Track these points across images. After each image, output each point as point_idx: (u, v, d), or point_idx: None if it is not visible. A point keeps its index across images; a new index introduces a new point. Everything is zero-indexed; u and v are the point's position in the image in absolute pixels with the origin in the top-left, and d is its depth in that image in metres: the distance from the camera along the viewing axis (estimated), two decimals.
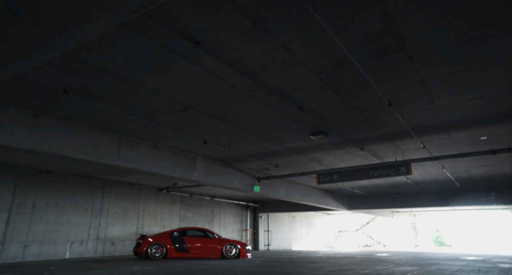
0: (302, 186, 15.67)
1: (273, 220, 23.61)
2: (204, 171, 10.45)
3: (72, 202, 13.09)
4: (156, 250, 12.05)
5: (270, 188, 13.35)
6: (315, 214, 28.42)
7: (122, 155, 8.16)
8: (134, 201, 15.40)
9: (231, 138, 8.62)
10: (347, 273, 7.74)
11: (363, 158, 10.60)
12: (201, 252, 12.69)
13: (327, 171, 11.13)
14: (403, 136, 8.43)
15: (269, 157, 10.54)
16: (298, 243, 25.73)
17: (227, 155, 10.36)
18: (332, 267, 9.19)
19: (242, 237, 21.31)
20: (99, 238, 13.76)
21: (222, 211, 20.24)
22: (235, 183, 11.55)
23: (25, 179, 11.88)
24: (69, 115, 7.05)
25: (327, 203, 17.57)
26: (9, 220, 11.27)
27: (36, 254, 11.74)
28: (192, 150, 9.84)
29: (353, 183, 15.28)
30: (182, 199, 17.79)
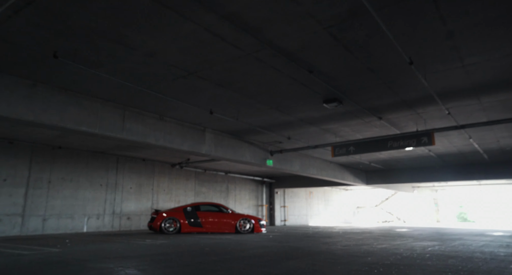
0: (317, 160, 15.20)
1: (290, 195, 23.41)
2: (214, 144, 10.11)
3: (87, 177, 13.16)
4: (170, 224, 12.04)
5: (284, 162, 12.95)
6: (332, 190, 28.04)
7: (127, 128, 7.88)
8: (148, 177, 15.40)
9: (239, 108, 8.16)
10: (362, 248, 7.36)
11: (381, 128, 9.96)
12: (215, 227, 12.61)
13: (342, 143, 10.58)
14: (426, 102, 7.74)
15: (280, 129, 10.06)
16: (315, 219, 25.57)
17: (237, 127, 9.95)
18: (348, 242, 8.84)
19: (258, 213, 21.27)
20: (115, 213, 13.89)
21: (237, 186, 20.13)
22: (246, 157, 11.20)
23: (39, 155, 11.94)
24: (69, 86, 6.75)
25: (344, 178, 17.08)
26: (27, 194, 11.43)
27: (55, 227, 11.96)
28: (200, 123, 9.47)
29: (371, 156, 14.67)
30: (197, 174, 17.70)
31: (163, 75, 6.33)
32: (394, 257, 5.86)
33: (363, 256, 5.98)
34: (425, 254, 6.33)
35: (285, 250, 6.83)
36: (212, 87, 6.91)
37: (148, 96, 7.38)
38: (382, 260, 5.48)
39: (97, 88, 6.90)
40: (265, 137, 11.07)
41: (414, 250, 6.92)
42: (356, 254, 6.26)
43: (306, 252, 6.48)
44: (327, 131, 10.34)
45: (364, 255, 6.05)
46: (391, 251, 6.71)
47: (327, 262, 5.23)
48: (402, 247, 7.63)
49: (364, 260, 5.47)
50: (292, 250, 6.83)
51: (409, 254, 6.31)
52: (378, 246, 7.70)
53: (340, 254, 6.17)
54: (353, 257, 5.77)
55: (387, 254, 6.22)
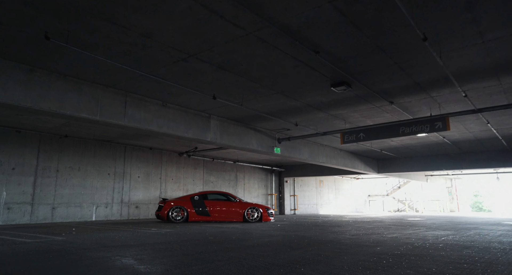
0: (327, 148, 14.85)
1: (299, 184, 23.17)
2: (219, 131, 9.87)
3: (94, 166, 13.14)
4: (177, 213, 11.98)
5: (292, 150, 12.66)
6: (343, 179, 27.68)
7: (129, 114, 7.69)
8: (156, 166, 15.33)
9: (243, 93, 7.87)
10: (371, 237, 7.08)
11: (393, 114, 9.54)
12: (223, 216, 12.49)
13: (352, 130, 10.21)
14: (441, 84, 7.30)
15: (288, 115, 9.75)
16: (326, 208, 25.33)
17: (243, 114, 9.68)
18: (357, 231, 8.57)
19: (267, 202, 21.13)
20: (123, 202, 13.89)
21: (246, 175, 19.97)
22: (253, 145, 10.95)
23: (47, 144, 11.93)
24: (68, 71, 6.55)
25: (355, 166, 16.71)
26: (35, 183, 11.47)
27: (64, 216, 12.01)
28: (205, 109, 9.23)
29: (383, 144, 14.25)
30: (205, 163, 17.58)
31: (163, 58, 6.07)
32: (405, 247, 5.57)
33: (372, 245, 5.71)
34: (438, 244, 6.02)
35: (291, 240, 6.60)
36: (214, 71, 6.62)
37: (149, 81, 7.15)
38: (392, 250, 5.20)
39: (96, 73, 6.69)
40: (272, 124, 10.77)
41: (427, 240, 6.61)
42: (364, 243, 5.99)
43: (313, 242, 6.24)
44: (336, 117, 9.98)
45: (373, 245, 5.78)
46: (402, 241, 6.42)
47: (333, 252, 4.97)
48: (414, 236, 7.32)
49: (372, 250, 5.20)
50: (298, 240, 6.60)
51: (421, 244, 6.01)
52: (388, 236, 7.41)
53: (348, 244, 5.91)
54: (361, 247, 5.51)
55: (398, 244, 5.93)
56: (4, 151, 10.97)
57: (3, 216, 10.69)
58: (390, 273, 3.52)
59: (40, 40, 5.27)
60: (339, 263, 4.07)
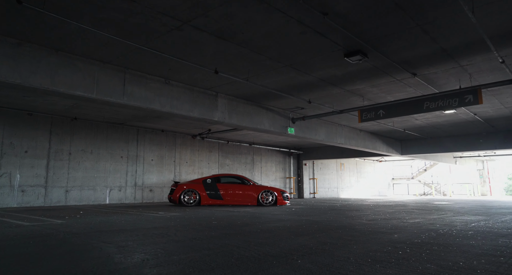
0: (345, 128, 14.04)
1: (319, 167, 22.48)
2: (228, 110, 9.32)
3: (107, 149, 13.00)
4: (189, 196, 11.69)
5: (307, 130, 11.97)
6: (365, 161, 26.71)
7: (128, 92, 7.25)
8: (170, 149, 15.07)
9: (248, 67, 7.23)
10: (390, 223, 6.42)
11: (416, 88, 8.64)
12: (236, 199, 12.11)
13: (371, 106, 9.38)
14: (473, 50, 6.37)
15: (299, 92, 9.04)
16: (347, 192, 24.60)
17: (252, 91, 9.06)
18: (375, 216, 7.91)
19: (285, 185, 20.64)
20: (137, 185, 13.77)
21: (263, 158, 19.48)
22: (265, 125, 10.35)
23: (59, 126, 11.83)
24: (59, 45, 6.14)
25: (376, 148, 15.81)
26: (48, 166, 11.44)
27: (77, 199, 12.00)
28: (212, 87, 8.68)
29: (406, 123, 13.27)
30: (220, 146, 17.19)
31: (155, 27, 5.51)
32: (427, 234, 4.90)
33: (389, 232, 5.07)
34: (467, 231, 5.30)
35: (300, 225, 6.06)
36: (213, 41, 6.01)
37: (147, 56, 6.64)
38: (411, 238, 4.55)
39: (89, 47, 6.25)
40: (285, 102, 10.11)
41: (454, 226, 5.88)
42: (381, 230, 5.36)
43: (323, 227, 5.67)
44: (353, 93, 9.18)
45: (391, 232, 5.14)
46: (424, 227, 5.73)
47: (343, 239, 4.39)
48: (439, 222, 6.60)
49: (389, 237, 4.57)
50: (308, 225, 6.04)
51: (447, 230, 5.31)
52: (409, 221, 6.72)
53: (361, 230, 5.30)
54: (376, 234, 4.88)
55: (420, 231, 5.26)
56: (16, 134, 10.93)
57: (17, 198, 10.74)
58: (404, 268, 2.91)
59: (12, 4, 4.81)
60: (345, 253, 3.49)
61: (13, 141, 10.85)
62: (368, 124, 13.56)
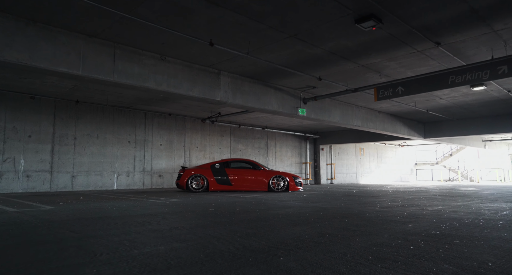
0: (362, 110, 13.12)
1: (337, 152, 21.62)
2: (231, 90, 8.68)
3: (113, 134, 12.70)
4: (197, 182, 11.27)
5: (320, 112, 11.18)
6: (386, 146, 25.57)
7: (119, 69, 6.72)
8: (179, 133, 14.65)
9: (248, 38, 6.53)
10: (407, 210, 5.69)
11: (440, 60, 7.68)
12: (245, 185, 11.59)
13: (388, 83, 8.49)
14: (510, 10, 5.41)
15: (308, 67, 8.26)
16: (366, 177, 23.67)
17: (257, 69, 8.36)
18: (391, 202, 7.17)
19: (301, 171, 19.96)
20: (146, 171, 13.47)
21: (277, 143, 18.81)
22: (273, 105, 9.65)
23: (63, 110, 11.57)
24: (36, 15, 5.63)
25: (396, 130, 14.81)
26: (53, 151, 11.25)
27: (84, 184, 11.81)
28: (213, 64, 8.04)
29: (429, 103, 12.21)
30: (232, 130, 16.64)
31: None
32: (448, 224, 4.17)
33: (403, 221, 4.37)
34: (497, 220, 4.52)
35: (304, 212, 5.44)
36: (204, 7, 5.34)
37: (136, 28, 6.06)
38: (428, 228, 3.84)
39: (70, 18, 5.71)
40: (294, 80, 9.35)
41: (481, 215, 5.10)
42: (394, 218, 4.65)
43: (329, 215, 5.03)
44: (369, 68, 8.31)
45: (405, 221, 4.43)
46: (446, 215, 4.98)
47: (346, 230, 3.74)
48: (464, 209, 5.80)
49: (401, 228, 3.88)
50: (313, 212, 5.41)
51: (472, 220, 4.55)
52: (429, 208, 5.96)
53: (371, 219, 4.62)
54: (387, 223, 4.20)
55: (440, 220, 4.52)
56: (19, 118, 10.73)
57: (22, 183, 10.62)
58: (414, 269, 2.25)
59: None
60: (343, 248, 2.85)
61: (16, 126, 10.66)
62: (388, 104, 12.60)
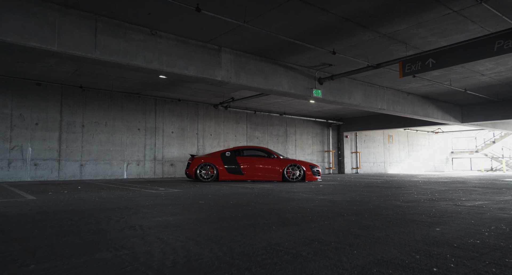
0: (388, 91, 11.77)
1: (363, 140, 20.23)
2: (234, 68, 7.75)
3: (122, 121, 12.20)
4: (206, 171, 10.54)
5: (338, 93, 10.02)
6: (418, 133, 23.76)
7: (101, 44, 5.98)
8: (192, 120, 13.97)
9: (243, 2, 5.54)
10: (436, 206, 4.59)
11: (483, 23, 6.33)
12: (257, 174, 10.75)
13: (416, 55, 7.23)
14: None
15: (321, 39, 7.15)
16: (396, 167, 22.11)
17: (263, 43, 7.38)
18: (419, 196, 6.04)
19: (323, 160, 18.82)
20: (157, 159, 12.93)
21: (297, 130, 17.75)
22: (283, 86, 8.64)
23: (69, 97, 11.16)
24: None
25: (428, 114, 13.31)
26: (61, 139, 10.90)
27: (93, 173, 11.43)
28: (211, 39, 7.14)
29: (468, 80, 10.67)
30: (248, 117, 15.76)
31: None
32: (493, 227, 3.08)
33: (429, 222, 3.32)
34: None
35: (309, 207, 4.49)
36: None
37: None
38: (464, 234, 2.79)
39: None
40: (306, 57, 8.27)
41: None
42: (418, 217, 3.61)
43: (336, 212, 4.06)
44: (392, 38, 7.08)
45: (432, 221, 3.37)
46: (489, 214, 3.85)
47: (347, 234, 2.77)
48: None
49: (425, 232, 2.84)
50: (318, 207, 4.46)
51: None
52: (466, 204, 4.82)
53: (388, 217, 3.60)
54: (406, 225, 3.17)
55: (480, 221, 3.42)
56: (26, 106, 10.42)
57: (30, 172, 10.35)
58: None
59: None
60: (326, 269, 1.89)
61: (22, 113, 10.35)
62: (418, 84, 11.18)
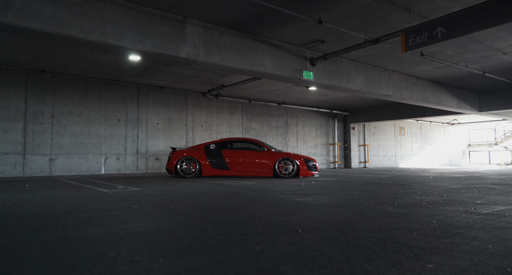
0: (394, 75, 10.31)
1: (372, 132, 18.75)
2: (203, 44, 6.52)
3: (100, 111, 11.15)
4: (187, 166, 9.42)
5: (335, 76, 8.67)
6: (432, 124, 22.06)
7: (15, 6, 4.81)
8: (180, 110, 12.83)
9: None
10: (441, 213, 3.30)
11: None
12: (245, 169, 9.58)
13: (422, 25, 5.83)
14: None
15: (302, 4, 5.82)
16: (408, 161, 20.55)
17: (239, 14, 6.11)
18: (422, 196, 4.73)
19: (328, 153, 17.46)
20: (139, 153, 11.87)
21: (299, 121, 16.42)
22: (266, 66, 7.36)
23: (36, 84, 10.11)
24: None
25: (441, 102, 11.78)
26: (26, 130, 9.90)
27: (65, 168, 10.43)
28: (172, 6, 5.92)
29: (487, 61, 9.12)
30: (244, 107, 14.52)
31: None
32: None
33: (420, 250, 2.05)
34: None
35: (267, 215, 3.29)
36: None
37: None
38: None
39: None
40: (293, 31, 6.95)
41: None
42: (405, 238, 2.35)
43: (292, 226, 2.84)
44: (393, 3, 5.70)
45: (425, 248, 2.11)
46: None
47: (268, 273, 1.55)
48: None
49: (408, 272, 1.60)
50: (279, 217, 3.25)
51: None
52: (481, 210, 3.50)
53: (359, 237, 2.35)
54: (380, 258, 1.92)
55: (503, 247, 2.13)
56: None
57: None
58: None
59: None
60: None
61: None
62: (429, 67, 9.71)
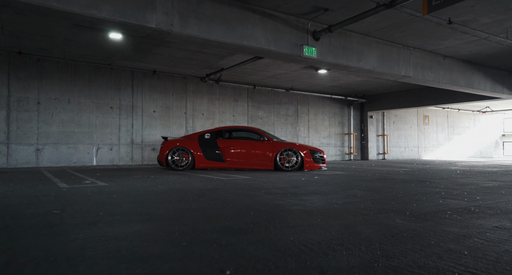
0: (415, 52, 8.88)
1: (392, 121, 17.25)
2: (178, 12, 5.45)
3: (91, 98, 10.37)
4: (179, 157, 8.50)
5: (344, 53, 7.40)
6: (460, 112, 20.21)
7: None
8: (179, 97, 11.90)
9: None
10: (475, 233, 2.12)
11: None
12: (243, 161, 8.57)
13: None
14: None
15: None
16: (433, 152, 18.92)
17: None
18: (447, 199, 3.54)
19: (343, 144, 16.15)
20: (135, 143, 11.06)
21: (311, 109, 15.17)
22: (259, 40, 6.22)
23: (20, 69, 9.41)
24: None
25: (473, 84, 10.23)
26: (9, 118, 9.24)
27: (54, 159, 9.74)
28: None
29: None
30: (250, 93, 13.44)
31: None
32: None
33: None
34: None
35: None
36: None
37: None
38: None
39: None
40: None
41: None
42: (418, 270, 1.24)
43: (236, 254, 1.77)
44: None
45: None
46: None
47: None
48: None
49: None
50: (224, 237, 2.19)
51: None
52: None
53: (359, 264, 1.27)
54: None
55: None
56: None
57: None
58: None
59: None
60: None
61: None
62: (458, 41, 8.25)
